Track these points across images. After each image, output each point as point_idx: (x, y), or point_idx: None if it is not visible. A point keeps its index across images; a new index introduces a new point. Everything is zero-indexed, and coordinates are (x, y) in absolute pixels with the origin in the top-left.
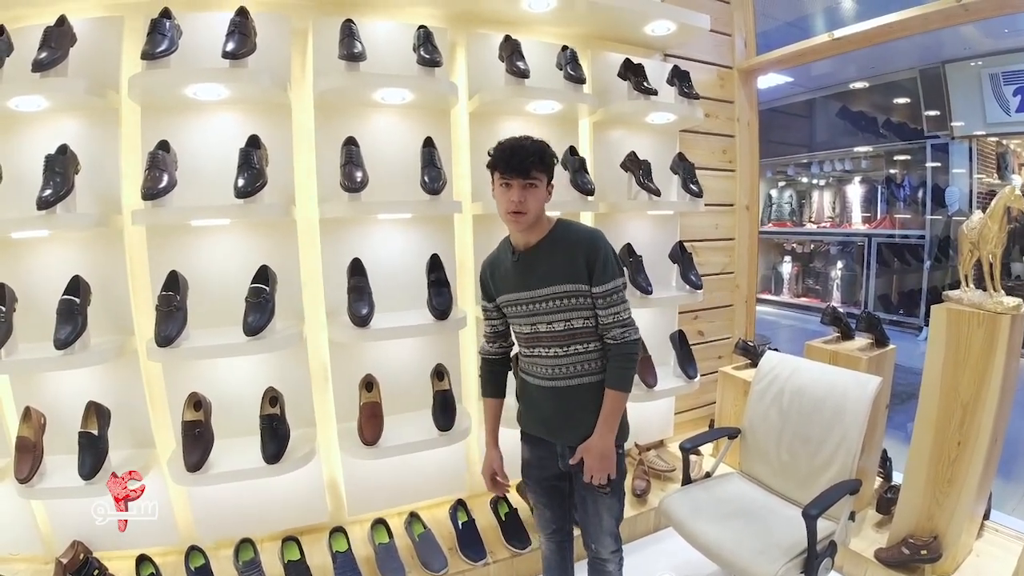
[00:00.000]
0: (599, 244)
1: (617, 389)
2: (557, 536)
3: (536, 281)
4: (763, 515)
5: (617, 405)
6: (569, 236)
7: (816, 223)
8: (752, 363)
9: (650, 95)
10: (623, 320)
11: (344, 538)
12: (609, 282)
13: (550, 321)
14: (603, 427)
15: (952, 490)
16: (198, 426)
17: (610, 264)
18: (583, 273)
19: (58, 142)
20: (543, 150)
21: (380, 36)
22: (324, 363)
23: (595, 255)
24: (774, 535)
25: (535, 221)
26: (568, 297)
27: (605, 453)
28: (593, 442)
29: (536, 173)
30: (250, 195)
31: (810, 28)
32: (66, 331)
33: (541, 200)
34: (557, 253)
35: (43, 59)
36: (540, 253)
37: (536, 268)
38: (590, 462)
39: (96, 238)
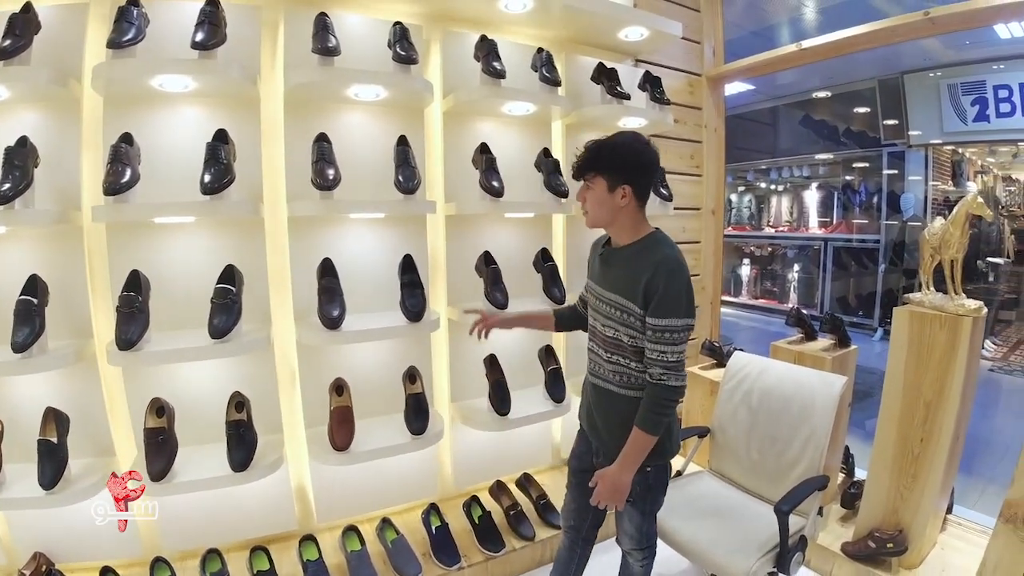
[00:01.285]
0: (667, 276)
1: (643, 429)
2: (571, 534)
3: (609, 282)
4: (735, 512)
5: (641, 443)
6: (646, 254)
7: (774, 227)
8: (718, 363)
9: (623, 99)
10: (668, 363)
11: (315, 546)
12: (664, 318)
13: (604, 324)
14: (622, 461)
15: (916, 485)
16: (161, 433)
17: (671, 301)
18: (640, 296)
19: (17, 134)
20: (596, 151)
21: (353, 31)
22: (292, 366)
23: (656, 285)
24: (747, 531)
25: (605, 223)
26: (622, 311)
27: (618, 486)
28: (611, 471)
29: (587, 174)
30: (217, 192)
31: (775, 38)
32: (24, 333)
33: (598, 202)
34: (631, 265)
35: (7, 47)
36: (621, 257)
37: (613, 270)
38: (601, 488)
39: (54, 235)
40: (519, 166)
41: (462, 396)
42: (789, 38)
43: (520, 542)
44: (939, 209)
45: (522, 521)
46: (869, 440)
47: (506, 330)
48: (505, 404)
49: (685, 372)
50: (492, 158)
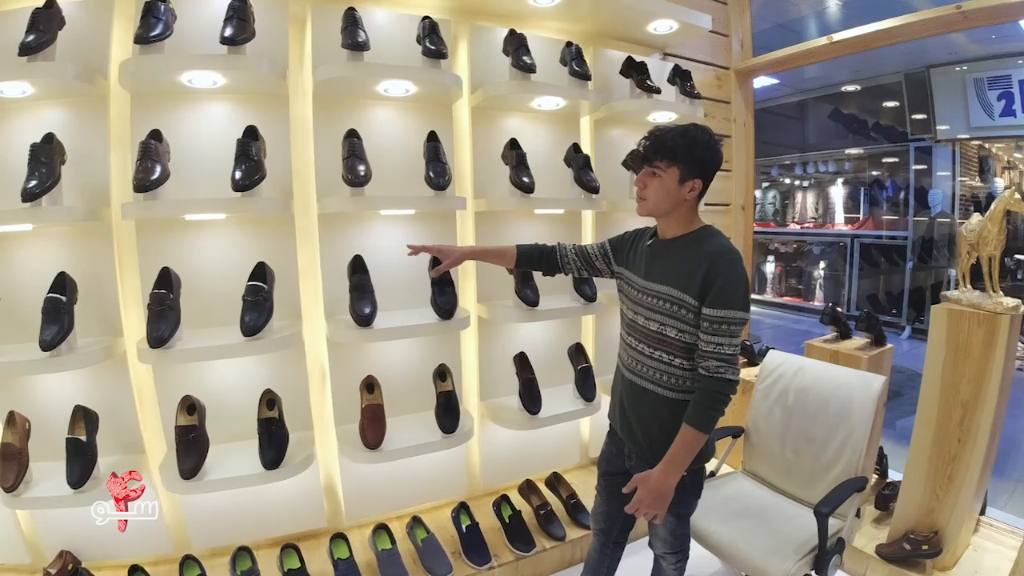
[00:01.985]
0: (726, 266)
1: (695, 427)
2: (601, 536)
3: (655, 274)
4: (770, 514)
5: (691, 443)
6: (701, 245)
7: (799, 224)
8: (749, 362)
9: (653, 93)
10: (724, 355)
11: (345, 545)
12: (722, 309)
13: (648, 317)
14: (669, 463)
15: (952, 486)
16: (192, 431)
17: (730, 291)
18: (696, 286)
19: (43, 130)
20: (672, 139)
21: (381, 26)
22: (322, 364)
23: (716, 274)
24: (783, 533)
25: (663, 213)
26: (672, 303)
27: (662, 491)
28: (653, 475)
29: (658, 161)
30: (248, 188)
31: (800, 31)
32: (52, 331)
33: (664, 192)
34: (685, 256)
35: (30, 42)
36: (671, 249)
37: (661, 261)
38: (642, 494)
39: (83, 232)
40: (548, 162)
41: (492, 394)
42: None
43: (550, 542)
44: (966, 205)
45: (552, 521)
46: (900, 440)
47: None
48: (536, 403)
49: (739, 367)
50: (522, 154)
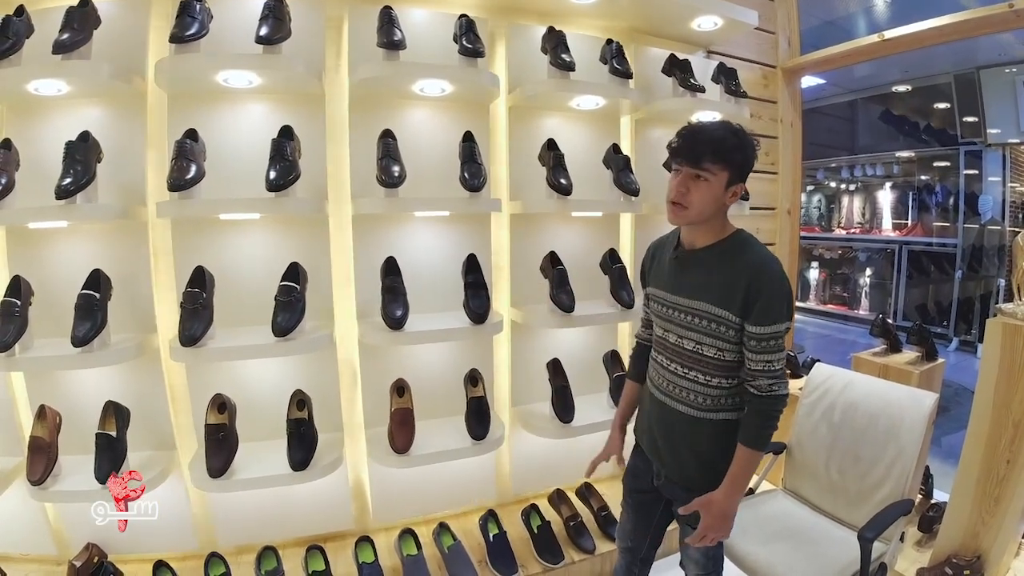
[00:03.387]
0: (771, 278)
1: (752, 447)
2: (627, 556)
3: (687, 288)
4: (810, 536)
5: (750, 462)
6: (742, 254)
7: (845, 229)
8: (793, 373)
9: (698, 92)
10: (774, 371)
11: (371, 548)
12: (771, 325)
13: (681, 335)
14: (730, 485)
15: (998, 509)
16: (222, 429)
17: (777, 305)
18: (738, 303)
19: (79, 128)
20: (724, 140)
21: (416, 25)
22: (353, 366)
23: (761, 289)
24: (823, 556)
25: (702, 221)
26: (711, 321)
27: (727, 514)
28: (716, 498)
29: (708, 164)
30: (282, 188)
31: (848, 28)
32: (85, 328)
33: (711, 198)
34: (720, 268)
35: (65, 41)
36: (702, 260)
37: (692, 274)
38: (708, 520)
39: (118, 230)
40: (586, 163)
41: (523, 400)
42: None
43: (579, 555)
44: (1016, 212)
45: (582, 533)
46: (946, 459)
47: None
48: (569, 411)
49: (787, 380)
50: (560, 155)
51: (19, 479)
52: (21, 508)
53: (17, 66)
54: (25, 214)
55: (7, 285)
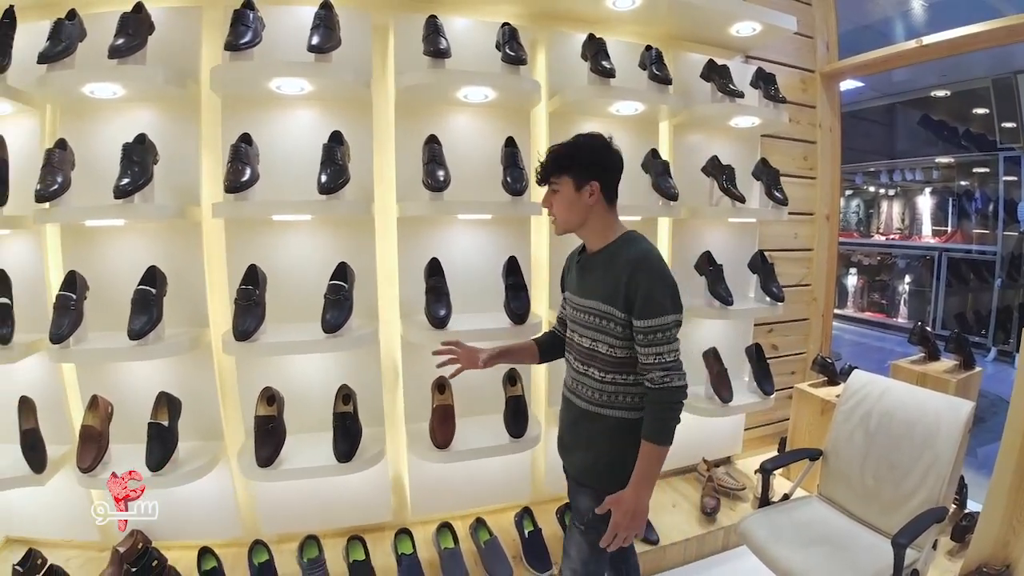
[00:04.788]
0: (649, 272)
1: (654, 441)
2: None
3: (585, 289)
4: (844, 542)
5: (654, 458)
6: (622, 254)
7: (884, 235)
8: (830, 381)
9: (736, 97)
10: (666, 363)
11: (409, 540)
12: (653, 318)
13: (581, 334)
14: (637, 482)
15: None
16: (271, 421)
17: (656, 297)
18: (621, 299)
19: (133, 131)
20: (559, 153)
21: (459, 33)
22: (395, 363)
23: (637, 284)
24: (857, 563)
25: (579, 226)
26: (600, 317)
27: (637, 512)
28: (626, 497)
29: (552, 178)
30: (333, 191)
31: (887, 32)
32: (141, 321)
33: (567, 204)
34: (607, 268)
35: (120, 46)
36: (596, 263)
37: (589, 276)
38: (618, 518)
39: (172, 229)
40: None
41: (559, 401)
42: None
43: None
44: None
45: None
46: (981, 469)
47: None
48: None
49: (685, 371)
50: None
51: (66, 467)
52: (66, 495)
53: (71, 69)
54: (84, 212)
55: (63, 279)
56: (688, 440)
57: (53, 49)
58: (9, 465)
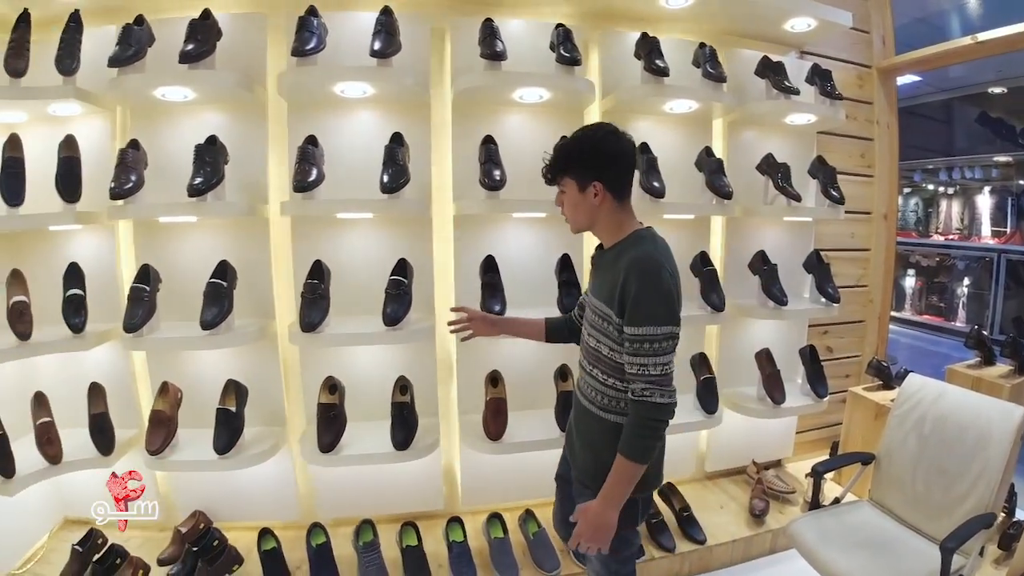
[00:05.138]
0: (642, 275)
1: (626, 456)
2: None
3: (594, 288)
4: (892, 546)
5: (624, 473)
6: (627, 253)
7: (943, 235)
8: (885, 385)
9: (792, 94)
10: (650, 376)
11: (460, 529)
12: (640, 326)
13: (589, 333)
14: (607, 497)
15: None
16: (333, 409)
17: (648, 305)
18: (617, 300)
19: (202, 132)
20: (557, 153)
21: (513, 34)
22: (450, 356)
23: (629, 287)
24: (903, 567)
25: (588, 226)
26: (601, 318)
27: (600, 525)
28: (592, 508)
29: (558, 180)
30: (394, 191)
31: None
32: (212, 312)
33: (573, 205)
34: (612, 267)
35: (191, 51)
36: (606, 261)
37: (598, 275)
38: (581, 527)
39: (240, 226)
40: (677, 165)
41: None
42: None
43: (659, 552)
44: None
45: (663, 531)
46: None
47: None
48: None
49: (673, 388)
50: (653, 158)
51: (132, 450)
52: None
53: (141, 73)
54: (158, 209)
55: (136, 272)
56: (738, 442)
57: (123, 53)
58: (77, 448)
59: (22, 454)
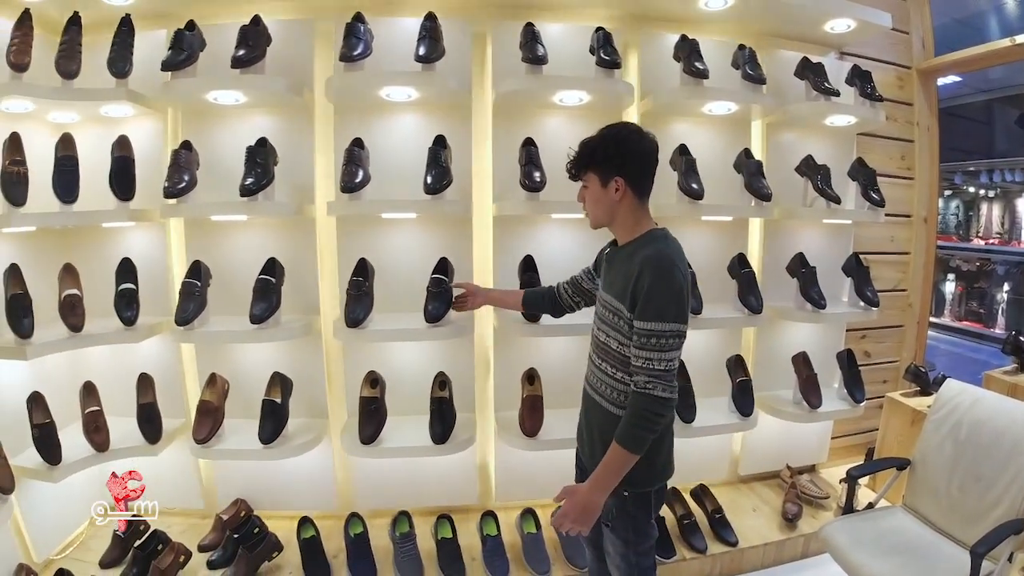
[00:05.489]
0: (653, 273)
1: (620, 444)
2: (592, 548)
3: (607, 284)
4: (923, 552)
5: (616, 461)
6: (641, 251)
7: (983, 239)
8: (922, 391)
9: (832, 96)
10: (654, 370)
11: (494, 523)
12: (650, 321)
13: (599, 327)
14: (595, 481)
15: None
16: (374, 402)
17: (658, 301)
18: (629, 296)
19: (252, 134)
20: (582, 149)
21: (553, 37)
22: (487, 353)
23: (643, 283)
24: (933, 572)
25: (608, 222)
26: (613, 313)
27: (587, 508)
28: (580, 490)
29: (581, 174)
30: (438, 192)
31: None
32: (261, 307)
33: (594, 200)
34: (625, 264)
35: (242, 56)
36: (620, 257)
37: (611, 271)
38: (566, 507)
39: (288, 224)
40: (715, 167)
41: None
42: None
43: (691, 552)
44: None
45: (695, 532)
46: None
47: None
48: (690, 411)
49: (675, 384)
50: (692, 160)
51: (179, 439)
52: (173, 467)
53: (193, 77)
54: (210, 208)
55: (188, 268)
56: (772, 445)
57: (176, 58)
58: (125, 436)
59: (68, 442)
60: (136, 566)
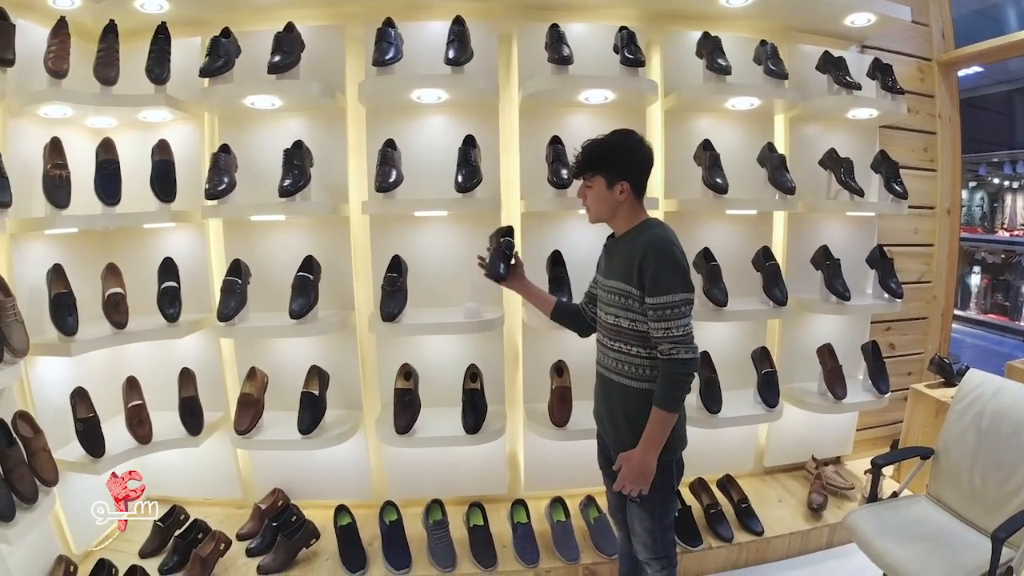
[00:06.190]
0: (658, 253)
1: (660, 407)
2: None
3: (610, 271)
4: (946, 539)
5: (662, 423)
6: (639, 237)
7: (1009, 230)
8: (947, 382)
9: (853, 89)
10: (675, 336)
11: (524, 511)
12: (661, 295)
13: (607, 311)
14: (646, 443)
15: None
16: (408, 394)
17: (665, 277)
18: (636, 277)
19: (287, 137)
20: (590, 153)
21: (578, 37)
22: (516, 346)
23: (647, 264)
24: (954, 559)
25: (609, 218)
26: (621, 295)
27: (643, 469)
28: (635, 454)
29: (587, 175)
30: (469, 190)
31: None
32: (300, 303)
33: (598, 200)
34: (627, 251)
35: (278, 62)
36: (619, 246)
37: (613, 259)
38: (625, 472)
39: (323, 223)
40: (739, 162)
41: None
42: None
43: (717, 541)
44: None
45: (721, 521)
46: None
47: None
48: (716, 402)
49: (695, 345)
50: (716, 155)
51: (219, 431)
52: (212, 458)
53: (230, 82)
54: (250, 208)
55: (228, 266)
56: (798, 437)
57: (213, 64)
58: (166, 428)
59: (111, 435)
60: (177, 554)
